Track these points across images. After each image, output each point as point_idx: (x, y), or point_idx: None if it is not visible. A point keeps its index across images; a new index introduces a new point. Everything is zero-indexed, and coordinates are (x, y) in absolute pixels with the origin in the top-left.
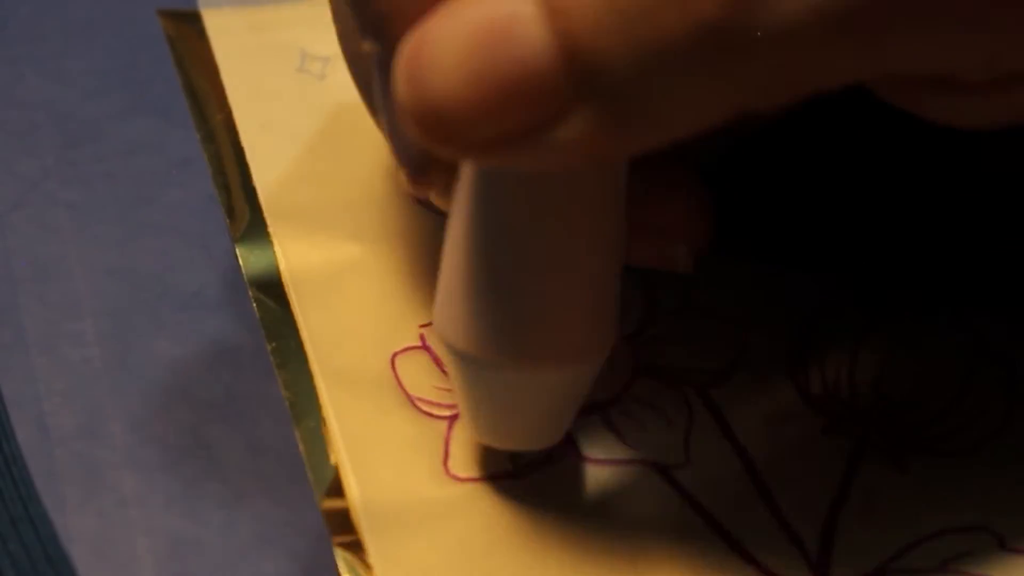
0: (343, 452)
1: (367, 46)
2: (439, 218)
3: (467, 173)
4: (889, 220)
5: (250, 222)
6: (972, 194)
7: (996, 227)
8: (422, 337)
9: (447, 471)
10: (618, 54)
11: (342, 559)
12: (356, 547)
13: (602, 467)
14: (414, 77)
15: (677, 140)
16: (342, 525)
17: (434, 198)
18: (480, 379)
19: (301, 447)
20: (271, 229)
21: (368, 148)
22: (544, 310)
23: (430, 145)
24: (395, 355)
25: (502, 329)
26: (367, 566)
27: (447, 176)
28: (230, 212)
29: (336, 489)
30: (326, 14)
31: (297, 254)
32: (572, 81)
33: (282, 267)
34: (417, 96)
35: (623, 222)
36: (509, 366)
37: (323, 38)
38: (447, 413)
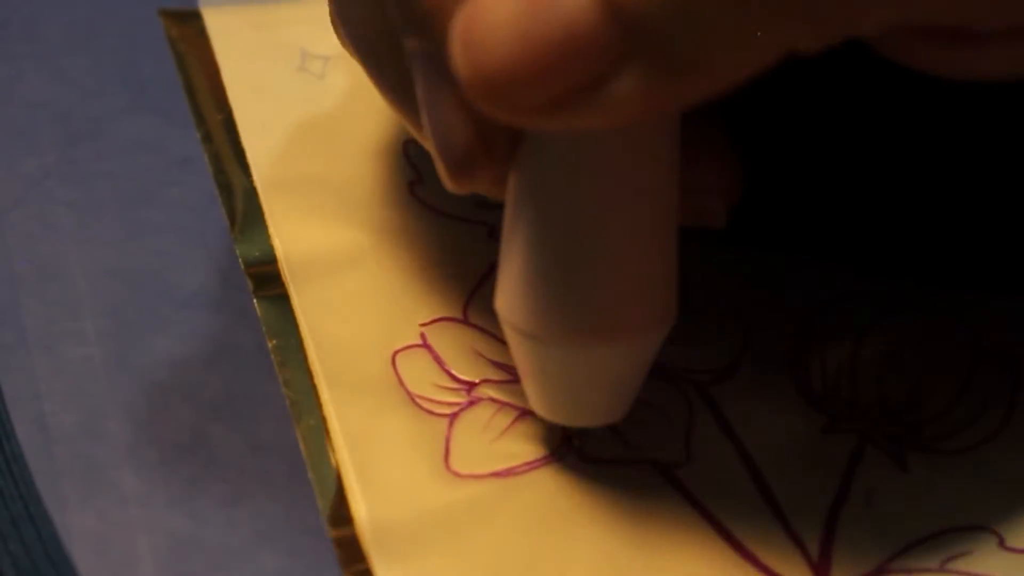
0: (344, 450)
1: (411, 43)
2: (439, 216)
3: (522, 154)
4: (893, 203)
5: (250, 221)
6: (977, 182)
7: (999, 218)
8: (423, 335)
9: (448, 468)
10: (662, 5)
11: (344, 560)
12: (357, 546)
13: (602, 467)
14: (468, 45)
15: (728, 88)
16: (343, 526)
17: (482, 190)
18: (543, 358)
19: (302, 445)
20: (271, 228)
21: (368, 147)
22: (604, 284)
23: (491, 112)
24: (396, 353)
25: (562, 308)
26: (369, 567)
27: (493, 171)
28: (230, 211)
29: (334, 490)
30: (327, 13)
31: (297, 253)
32: (619, 37)
33: (282, 265)
34: (472, 63)
35: (678, 187)
36: (570, 345)
37: (323, 37)
38: (448, 411)
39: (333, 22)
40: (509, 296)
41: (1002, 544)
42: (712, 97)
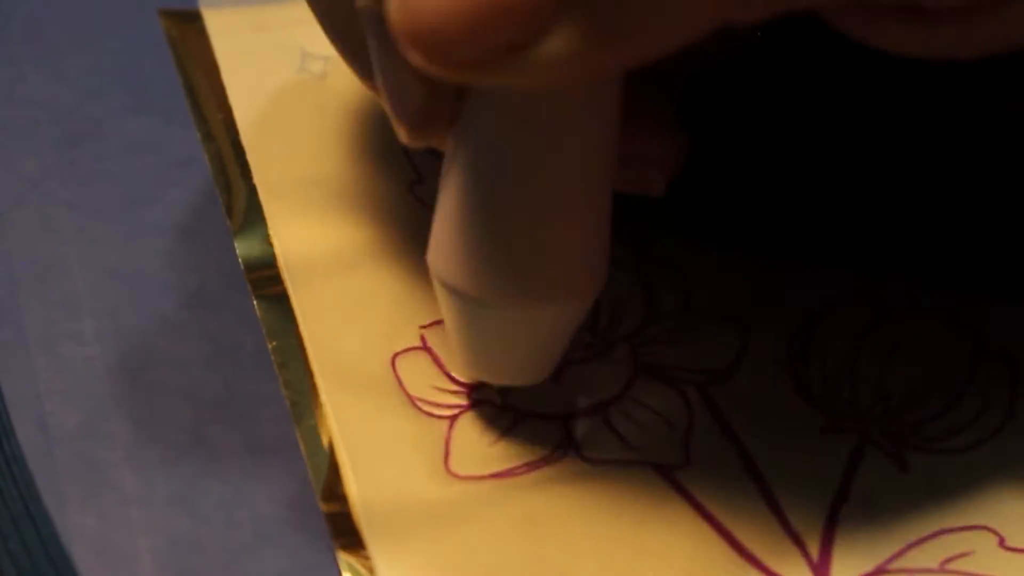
0: (343, 452)
1: (361, 2)
2: None
3: (463, 111)
4: (890, 202)
5: (250, 221)
6: (974, 180)
7: (998, 216)
8: (423, 337)
9: (448, 470)
10: None
11: (344, 561)
12: (357, 548)
13: (602, 467)
14: (405, 2)
15: (659, 56)
16: (343, 528)
17: (435, 144)
18: (472, 315)
19: (301, 446)
20: (271, 228)
21: (368, 147)
22: (535, 247)
23: (424, 67)
24: (395, 355)
25: (494, 267)
26: (369, 568)
27: (445, 126)
28: (230, 211)
29: (335, 492)
30: None
31: (297, 253)
32: None
33: (282, 266)
34: (408, 19)
35: (614, 156)
36: (500, 304)
37: (323, 38)
38: (448, 413)
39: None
40: (441, 252)
41: (1002, 544)
42: (643, 63)
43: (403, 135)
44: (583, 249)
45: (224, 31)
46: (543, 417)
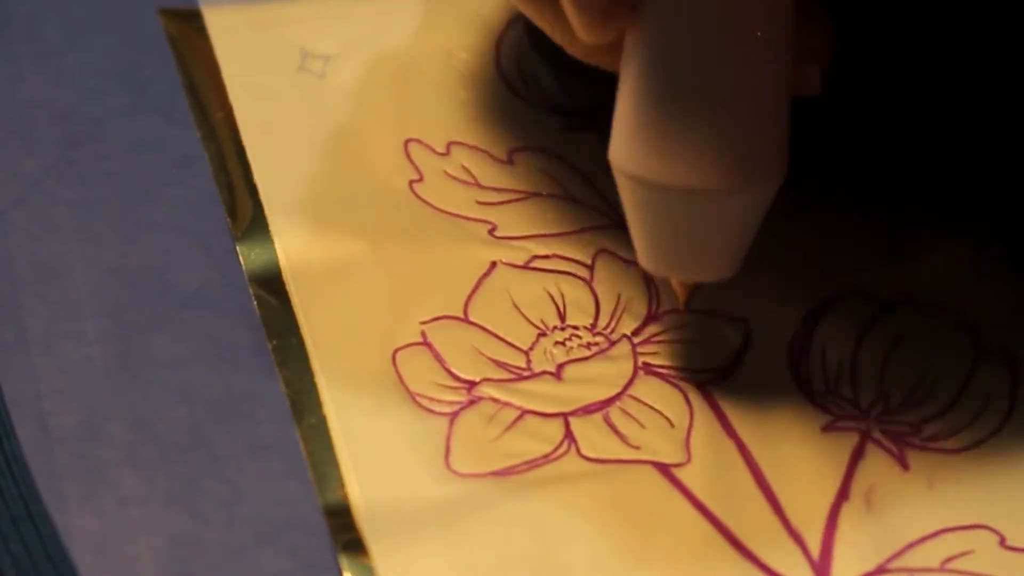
0: (344, 450)
1: None
2: (439, 215)
3: (645, 8)
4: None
5: (251, 220)
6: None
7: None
8: (423, 333)
9: (448, 467)
10: None
11: (345, 561)
12: (358, 546)
13: (602, 467)
14: None
15: None
16: (343, 527)
17: (604, 60)
18: (658, 206)
19: (302, 445)
20: (272, 227)
21: (368, 146)
22: (719, 135)
23: None
24: (396, 351)
25: (679, 155)
26: (369, 567)
27: (624, 20)
28: (231, 210)
29: (335, 491)
30: (327, 12)
31: (298, 252)
32: None
33: (283, 265)
34: None
35: (792, 43)
36: (686, 190)
37: (324, 36)
38: (448, 410)
39: None
40: (625, 145)
41: (1002, 543)
42: None
43: (584, 32)
44: (764, 136)
45: (224, 30)
46: (544, 415)
